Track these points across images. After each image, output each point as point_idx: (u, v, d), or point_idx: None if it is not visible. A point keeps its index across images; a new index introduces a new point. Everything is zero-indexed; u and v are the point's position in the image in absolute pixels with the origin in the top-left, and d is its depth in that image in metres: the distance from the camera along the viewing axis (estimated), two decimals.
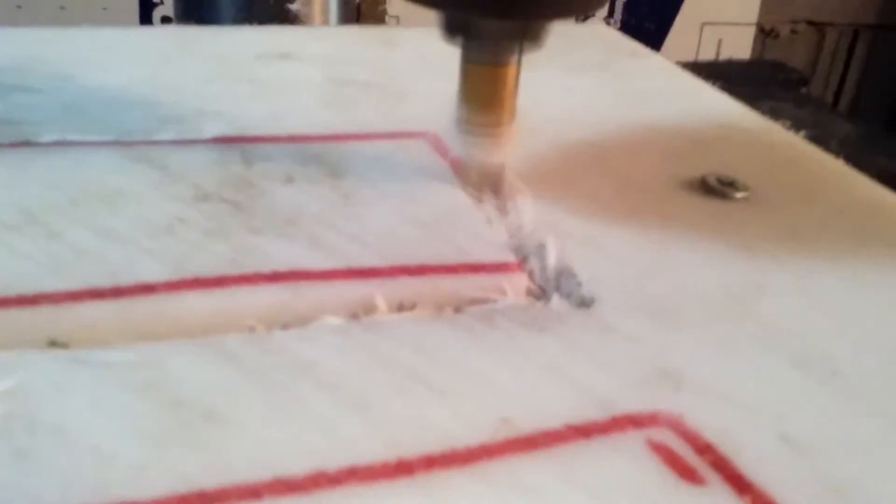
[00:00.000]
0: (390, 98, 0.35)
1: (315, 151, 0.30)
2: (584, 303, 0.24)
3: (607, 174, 0.31)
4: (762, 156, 0.34)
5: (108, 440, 0.18)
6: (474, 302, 0.24)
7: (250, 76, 0.36)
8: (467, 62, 0.28)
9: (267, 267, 0.24)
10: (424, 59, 0.32)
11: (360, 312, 0.23)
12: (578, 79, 0.39)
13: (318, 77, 0.36)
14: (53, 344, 0.21)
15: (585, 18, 1.25)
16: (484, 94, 0.28)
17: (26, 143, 0.29)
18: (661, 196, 0.30)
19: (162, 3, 1.12)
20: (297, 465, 0.18)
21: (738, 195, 0.30)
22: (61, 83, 0.33)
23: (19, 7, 1.06)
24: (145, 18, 1.12)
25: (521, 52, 0.28)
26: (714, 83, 0.41)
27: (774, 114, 0.39)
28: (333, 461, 0.18)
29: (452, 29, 0.27)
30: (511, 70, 0.28)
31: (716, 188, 0.30)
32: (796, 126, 0.38)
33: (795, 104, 0.53)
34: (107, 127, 0.30)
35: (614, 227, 0.28)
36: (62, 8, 1.08)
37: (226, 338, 0.21)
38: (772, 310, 0.24)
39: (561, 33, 0.46)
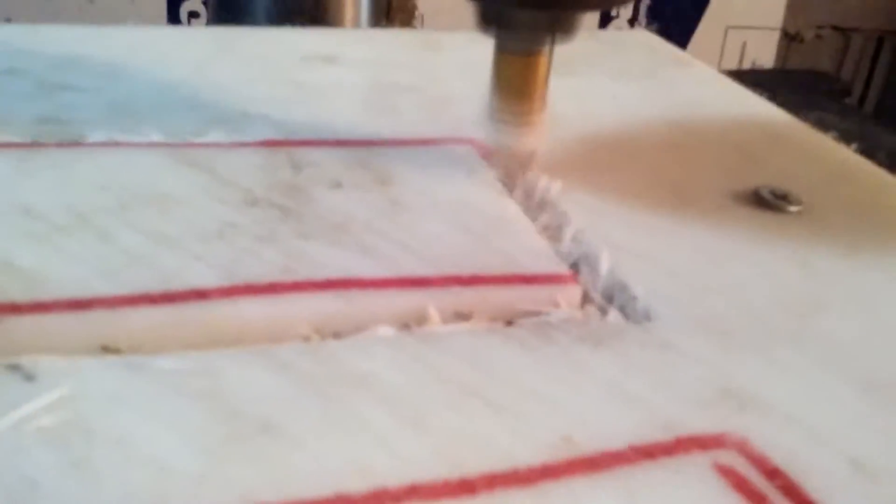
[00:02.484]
0: (435, 103, 0.35)
1: (362, 156, 0.30)
2: (641, 317, 0.24)
3: (658, 184, 0.30)
4: (814, 168, 0.33)
5: (166, 451, 0.17)
6: (527, 314, 0.24)
7: (295, 78, 0.35)
8: (500, 51, 0.29)
9: (318, 274, 0.23)
10: (468, 63, 0.31)
11: (411, 322, 0.23)
12: (624, 86, 0.38)
13: (362, 81, 0.36)
14: (106, 349, 0.21)
15: (610, 19, 1.25)
16: (516, 83, 0.29)
17: (75, 143, 0.29)
18: (714, 208, 0.29)
19: None
20: (357, 482, 0.17)
21: (792, 209, 0.30)
22: (106, 82, 0.33)
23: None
24: (173, 11, 1.12)
25: (552, 43, 0.28)
26: (758, 92, 0.40)
27: (821, 124, 0.39)
28: (394, 479, 0.17)
29: (487, 19, 0.28)
30: (543, 60, 0.29)
31: (769, 201, 0.30)
32: (844, 138, 0.37)
33: (840, 115, 0.52)
34: (154, 127, 0.30)
35: (668, 239, 0.27)
36: (90, 0, 1.09)
37: (280, 347, 0.21)
38: (833, 328, 0.24)
39: (605, 39, 0.46)
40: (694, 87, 0.39)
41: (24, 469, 0.17)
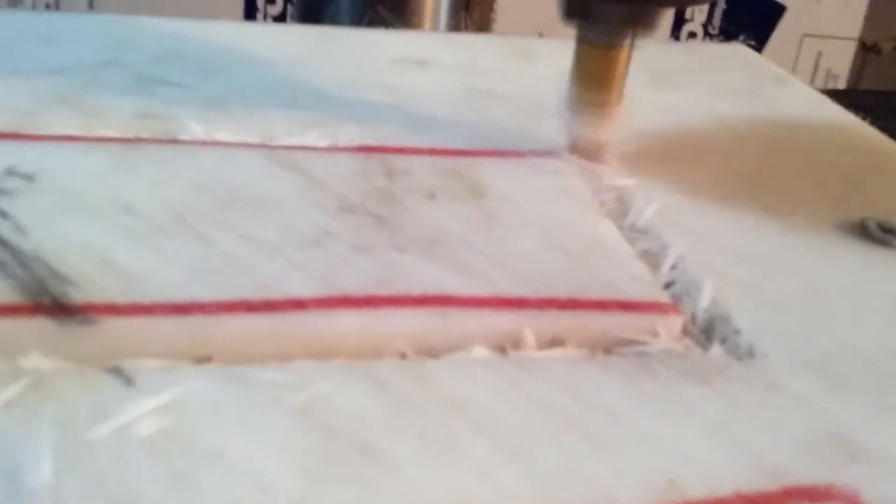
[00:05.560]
0: (529, 112, 0.34)
1: (456, 166, 0.30)
2: (745, 354, 0.23)
3: (761, 209, 0.29)
4: None
5: (266, 468, 0.17)
6: (624, 342, 0.23)
7: (388, 82, 0.35)
8: (582, 42, 0.30)
9: (414, 289, 0.23)
10: (562, 72, 0.31)
11: (507, 345, 0.22)
12: (722, 103, 0.37)
13: (455, 87, 0.36)
14: (204, 358, 0.20)
15: (684, 21, 1.22)
16: (595, 74, 0.30)
17: (173, 140, 0.29)
18: (818, 238, 0.28)
19: None
20: None
21: None
22: (203, 78, 0.33)
23: None
24: (250, 2, 1.13)
25: (633, 37, 0.29)
26: (858, 114, 0.39)
27: None
28: None
29: (571, 11, 0.29)
30: (623, 53, 0.30)
31: (876, 235, 0.29)
32: None
33: None
34: (251, 127, 0.30)
35: (771, 270, 0.26)
36: None
37: (378, 363, 0.21)
38: None
39: (702, 52, 0.45)
40: (795, 108, 0.38)
41: (126, 479, 0.17)
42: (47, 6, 1.09)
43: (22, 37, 0.36)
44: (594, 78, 0.30)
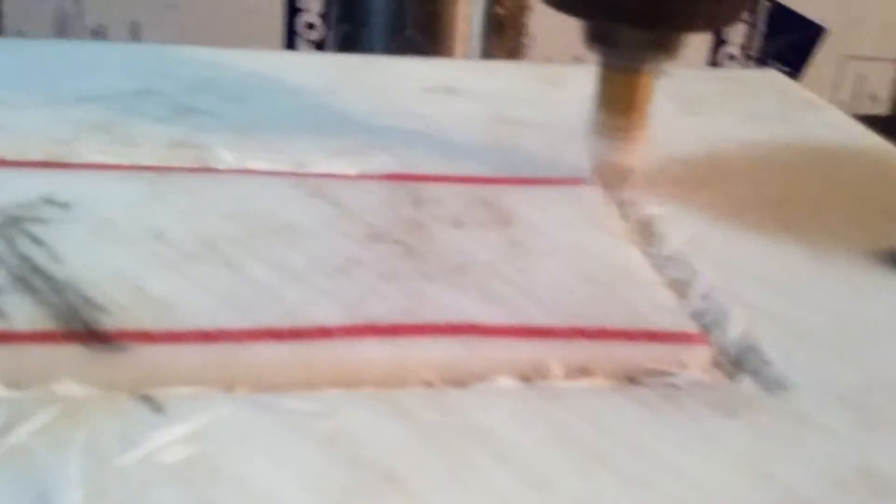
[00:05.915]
0: (558, 139, 0.34)
1: (483, 194, 0.30)
2: (775, 386, 0.22)
3: (791, 238, 0.29)
4: None
5: (290, 496, 0.17)
6: (653, 373, 0.23)
7: (417, 110, 0.35)
8: (605, 68, 0.30)
9: (440, 317, 0.23)
10: (591, 99, 0.31)
11: (533, 375, 0.22)
12: (755, 130, 0.37)
13: (484, 115, 0.36)
14: (234, 387, 0.21)
15: (722, 43, 1.22)
16: (619, 99, 0.30)
17: (204, 169, 0.29)
18: (850, 268, 0.28)
19: (307, 10, 1.15)
20: None
21: None
22: (236, 107, 0.34)
23: (174, 6, 1.11)
24: (289, 23, 1.15)
25: (656, 62, 0.30)
26: (892, 140, 0.38)
27: None
28: None
29: (594, 37, 0.29)
30: (646, 78, 0.30)
31: None
32: None
33: None
34: (281, 155, 0.30)
35: (802, 300, 0.26)
36: (213, 9, 1.12)
37: (403, 393, 0.21)
38: None
39: (733, 78, 0.44)
40: (827, 134, 0.38)
41: None
42: (93, 34, 1.11)
43: (62, 67, 0.37)
44: (617, 103, 0.30)
